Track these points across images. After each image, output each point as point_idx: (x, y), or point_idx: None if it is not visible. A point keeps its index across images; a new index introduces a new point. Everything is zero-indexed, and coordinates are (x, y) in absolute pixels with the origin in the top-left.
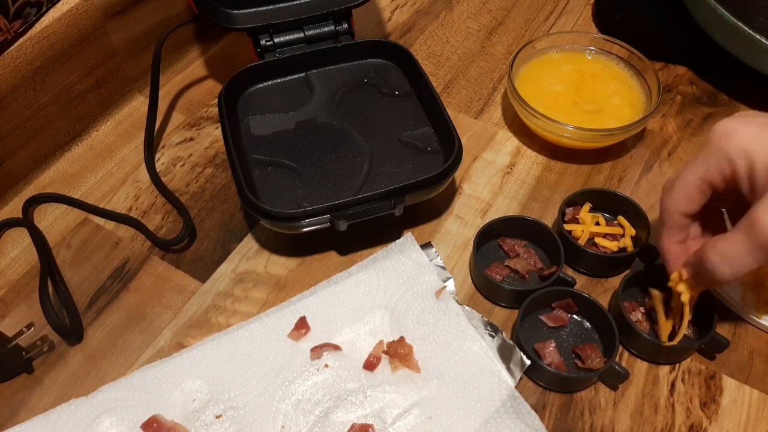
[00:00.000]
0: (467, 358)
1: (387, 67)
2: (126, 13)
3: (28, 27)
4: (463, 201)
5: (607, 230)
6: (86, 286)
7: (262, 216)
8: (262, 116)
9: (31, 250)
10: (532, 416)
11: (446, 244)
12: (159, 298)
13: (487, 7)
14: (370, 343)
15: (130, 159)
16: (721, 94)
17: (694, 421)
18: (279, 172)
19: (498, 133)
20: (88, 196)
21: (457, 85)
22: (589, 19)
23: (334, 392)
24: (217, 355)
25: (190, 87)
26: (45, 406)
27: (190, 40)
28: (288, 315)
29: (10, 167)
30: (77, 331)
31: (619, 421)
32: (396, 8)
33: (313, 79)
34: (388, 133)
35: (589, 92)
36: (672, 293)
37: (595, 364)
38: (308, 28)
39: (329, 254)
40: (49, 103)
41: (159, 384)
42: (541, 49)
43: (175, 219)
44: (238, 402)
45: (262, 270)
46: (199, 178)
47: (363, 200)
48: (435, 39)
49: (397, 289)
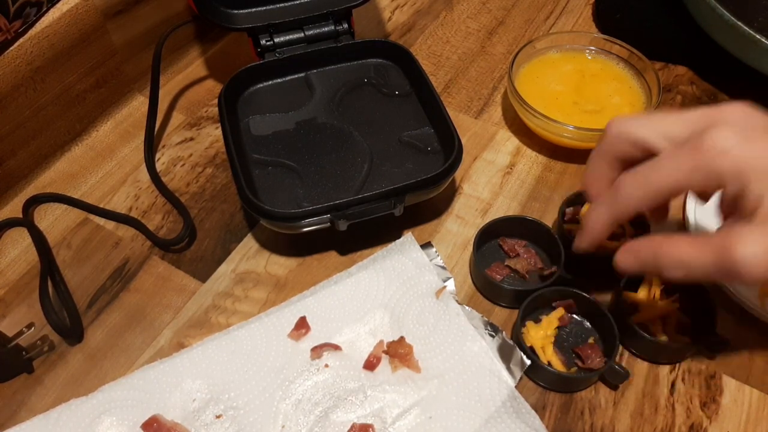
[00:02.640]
0: (467, 358)
1: (387, 67)
2: (126, 13)
3: (28, 27)
4: (463, 201)
5: None
6: (86, 286)
7: (262, 216)
8: (262, 116)
9: (31, 250)
10: (532, 416)
11: (446, 244)
12: (159, 298)
13: (487, 7)
14: (370, 343)
15: (130, 159)
16: (721, 94)
17: (695, 421)
18: (279, 172)
19: (498, 133)
20: (88, 196)
21: (457, 85)
22: (589, 19)
23: (334, 392)
24: (217, 355)
25: (190, 87)
26: (45, 406)
27: (190, 40)
28: (288, 315)
29: (10, 167)
30: (77, 331)
31: (619, 421)
32: (396, 8)
33: (313, 79)
34: (388, 133)
35: (589, 92)
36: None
37: (595, 364)
38: (308, 28)
39: (329, 254)
40: (49, 103)
41: (159, 384)
42: (541, 49)
43: (175, 219)
44: (238, 402)
45: (262, 270)
46: (199, 178)
47: (363, 200)
48: (435, 39)
49: (397, 289)
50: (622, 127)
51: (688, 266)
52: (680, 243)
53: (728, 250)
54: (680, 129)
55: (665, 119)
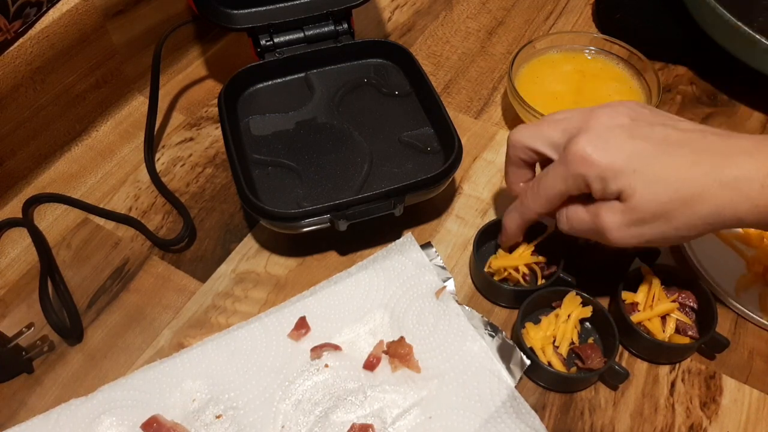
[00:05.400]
0: (467, 358)
1: (387, 67)
2: (126, 13)
3: (28, 27)
4: (463, 201)
5: None
6: (86, 286)
7: (262, 216)
8: (262, 116)
9: (31, 250)
10: (532, 416)
11: (446, 244)
12: (159, 298)
13: (487, 7)
14: (370, 343)
15: (130, 159)
16: (721, 94)
17: (694, 421)
18: (279, 172)
19: (498, 133)
20: (88, 196)
21: (457, 85)
22: (589, 19)
23: (334, 392)
24: (217, 355)
25: (190, 87)
26: (45, 406)
27: (190, 40)
28: (288, 315)
29: (10, 167)
30: (77, 331)
31: (619, 421)
32: (396, 8)
33: (313, 79)
34: (388, 133)
35: (589, 92)
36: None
37: (595, 364)
38: (308, 28)
39: (329, 254)
40: (49, 103)
41: (159, 384)
42: (541, 49)
43: (175, 219)
44: (238, 402)
45: (262, 270)
46: (199, 178)
47: (363, 200)
48: (435, 39)
49: (397, 289)
50: (517, 137)
51: (571, 222)
52: (571, 209)
53: (597, 219)
54: (559, 137)
55: (548, 128)
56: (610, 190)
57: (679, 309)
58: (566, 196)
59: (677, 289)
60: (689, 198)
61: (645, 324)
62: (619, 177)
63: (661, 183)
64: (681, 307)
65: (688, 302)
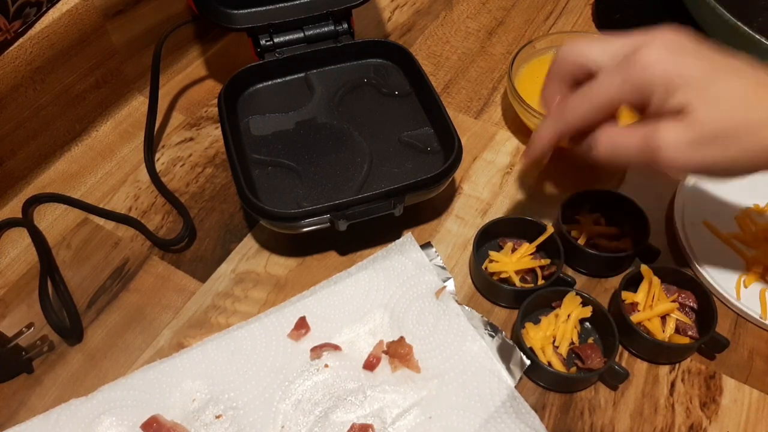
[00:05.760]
0: (467, 358)
1: (387, 67)
2: (126, 13)
3: (28, 27)
4: (463, 201)
5: (606, 230)
6: (86, 286)
7: (262, 216)
8: (262, 116)
9: (31, 250)
10: (532, 416)
11: (446, 244)
12: (159, 298)
13: (487, 7)
14: (370, 343)
15: (130, 159)
16: None
17: (694, 421)
18: (279, 172)
19: (498, 133)
20: (88, 196)
21: (457, 85)
22: (589, 19)
23: (334, 392)
24: (217, 355)
25: (190, 87)
26: (45, 406)
27: (190, 40)
28: (288, 315)
29: (10, 167)
30: (77, 331)
31: (619, 421)
32: (396, 8)
33: (313, 79)
34: (388, 133)
35: None
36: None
37: (595, 364)
38: (308, 28)
39: (329, 254)
40: (49, 103)
41: (159, 384)
42: (541, 49)
43: (175, 219)
44: (238, 402)
45: (262, 270)
46: (199, 178)
47: (363, 200)
48: (435, 39)
49: (397, 289)
50: (570, 47)
51: (614, 142)
52: (615, 128)
53: (653, 135)
54: (619, 47)
55: (609, 40)
56: (672, 102)
57: (679, 309)
58: (613, 108)
59: (677, 289)
60: (754, 123)
61: (645, 324)
62: (686, 88)
63: (729, 102)
64: (681, 307)
65: (688, 302)
